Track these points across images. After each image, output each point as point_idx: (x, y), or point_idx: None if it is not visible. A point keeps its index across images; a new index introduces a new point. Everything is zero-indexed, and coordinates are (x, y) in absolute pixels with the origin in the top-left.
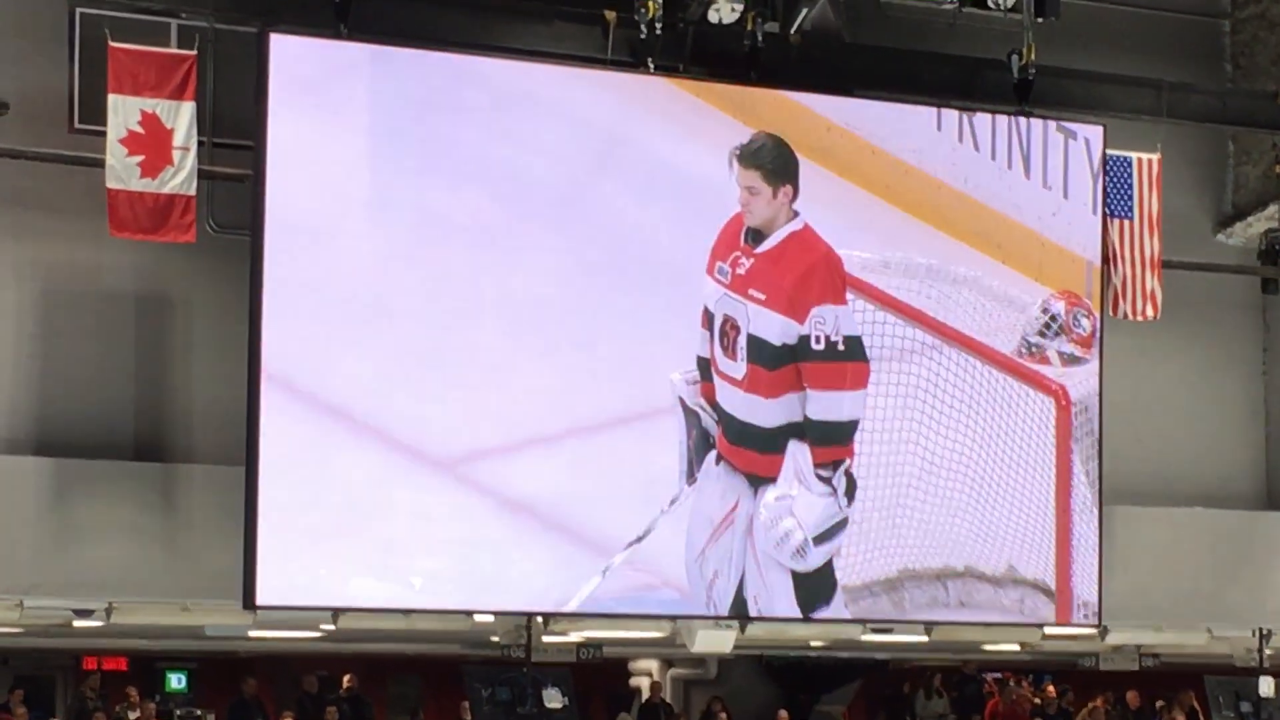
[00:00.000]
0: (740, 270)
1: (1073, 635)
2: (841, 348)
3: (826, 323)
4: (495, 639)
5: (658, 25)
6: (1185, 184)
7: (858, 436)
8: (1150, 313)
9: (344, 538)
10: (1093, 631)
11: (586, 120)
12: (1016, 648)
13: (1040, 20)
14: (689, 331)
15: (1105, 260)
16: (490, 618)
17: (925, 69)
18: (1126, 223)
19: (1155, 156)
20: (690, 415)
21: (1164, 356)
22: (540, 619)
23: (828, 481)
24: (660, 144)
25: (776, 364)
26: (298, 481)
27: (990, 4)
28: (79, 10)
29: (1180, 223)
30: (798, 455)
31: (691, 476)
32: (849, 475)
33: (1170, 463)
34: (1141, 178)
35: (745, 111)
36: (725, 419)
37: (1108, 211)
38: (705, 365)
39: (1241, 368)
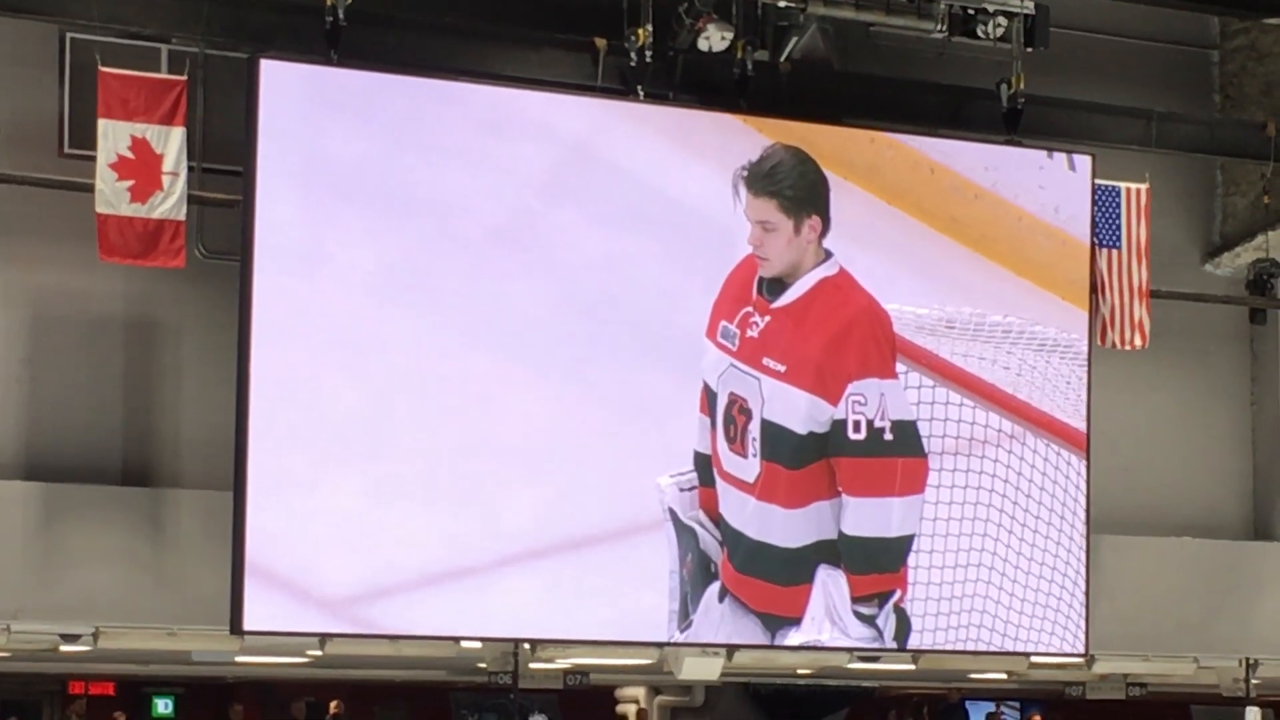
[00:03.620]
0: (752, 332)
1: (1059, 664)
2: (889, 437)
3: (868, 402)
4: (482, 665)
5: (648, 53)
6: (1174, 214)
7: (912, 559)
8: (1138, 342)
9: (332, 563)
10: (1080, 660)
11: (572, 144)
12: (1004, 676)
13: (1029, 50)
14: (683, 417)
15: (1093, 290)
16: (477, 644)
17: (915, 97)
18: (1115, 252)
19: (1144, 186)
20: (685, 534)
21: (1152, 386)
22: (527, 645)
23: (870, 621)
24: (650, 164)
25: (801, 460)
26: (286, 507)
27: (980, 33)
28: (69, 35)
29: (1168, 253)
30: (830, 586)
31: (686, 618)
32: (900, 611)
33: (1158, 492)
34: (1130, 207)
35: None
36: (732, 538)
37: (1096, 241)
38: (705, 464)
39: (1229, 398)
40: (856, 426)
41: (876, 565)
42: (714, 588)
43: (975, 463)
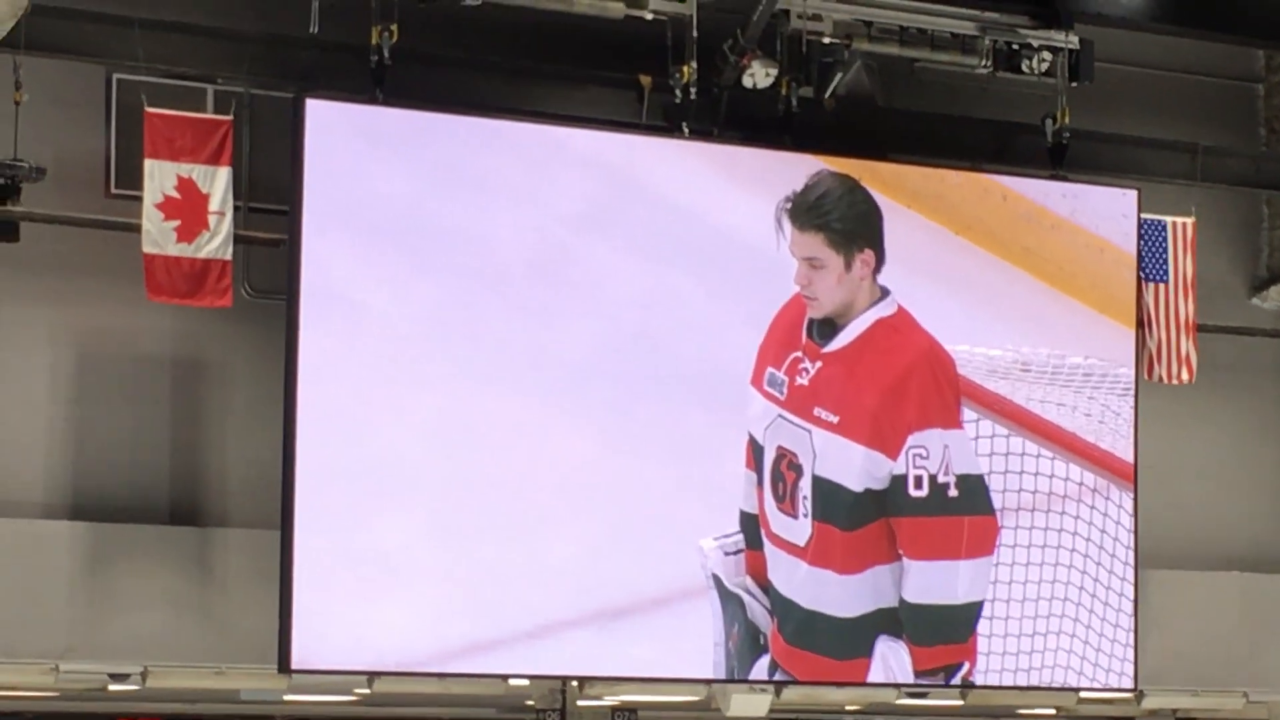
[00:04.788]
0: (802, 380)
1: (1109, 699)
2: (954, 493)
3: (931, 456)
4: (530, 703)
5: (692, 90)
6: (1219, 248)
7: (982, 628)
8: (1185, 376)
9: (379, 601)
10: (1129, 696)
11: (616, 181)
12: (1052, 711)
13: (1074, 84)
14: (727, 474)
15: (1140, 324)
16: (525, 681)
17: (959, 132)
18: (1161, 286)
19: (1190, 220)
20: (731, 602)
21: (1199, 420)
22: (575, 683)
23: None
24: (695, 199)
25: (857, 521)
26: (333, 545)
27: (1024, 68)
28: (115, 76)
29: (1215, 286)
30: (891, 660)
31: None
32: (968, 685)
33: (1205, 526)
34: (1176, 241)
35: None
36: (782, 607)
37: (1142, 275)
38: (752, 525)
39: (1276, 430)
40: (918, 482)
41: (942, 635)
42: (763, 662)
43: (1054, 519)
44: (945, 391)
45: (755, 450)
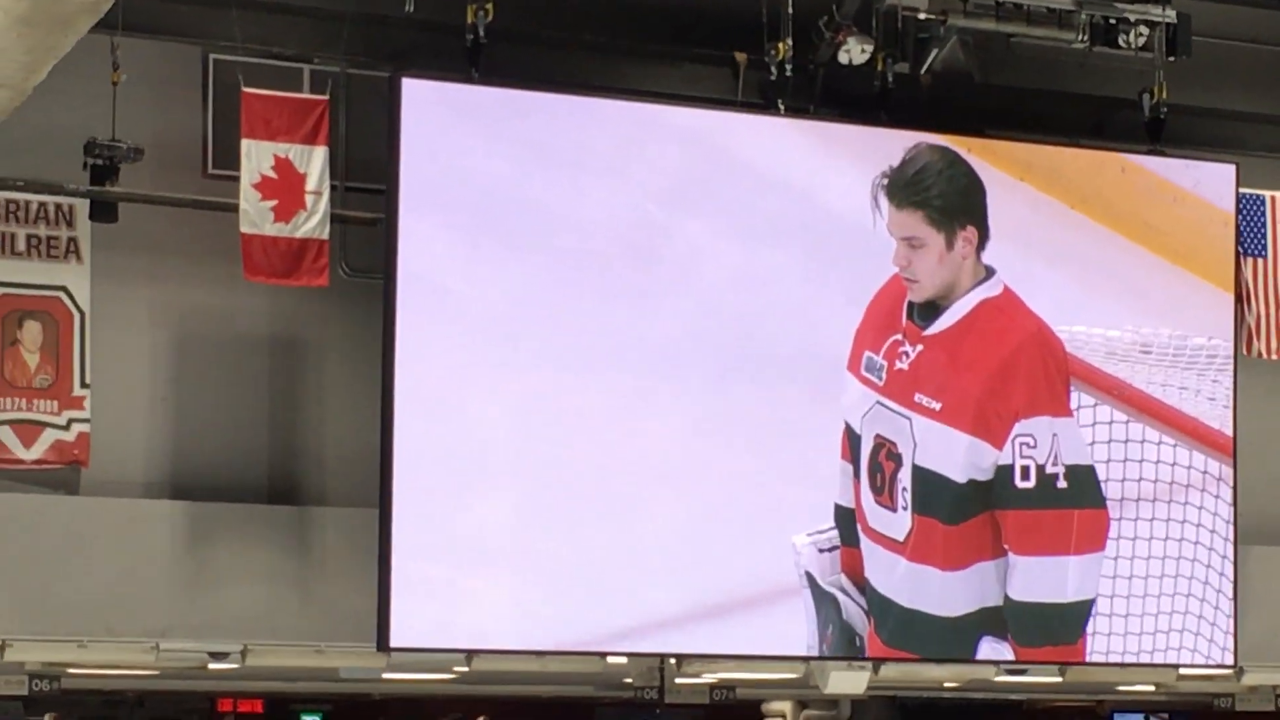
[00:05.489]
0: (902, 364)
1: (1208, 676)
2: (1063, 484)
3: (1038, 445)
4: (628, 680)
5: (788, 67)
6: None
7: (1091, 627)
8: None
9: (478, 579)
10: (1229, 672)
11: (711, 159)
12: (1152, 688)
13: (1171, 59)
14: (821, 464)
15: (1239, 299)
16: (623, 659)
17: (1056, 108)
18: (1260, 261)
19: None
20: (825, 602)
21: None
22: (673, 660)
23: None
24: (791, 175)
25: (960, 514)
26: (431, 523)
27: (1121, 43)
28: (212, 57)
29: None
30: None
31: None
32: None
33: None
34: (1276, 216)
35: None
36: (880, 606)
37: (1241, 250)
38: (848, 520)
39: None
40: (1024, 473)
41: (1050, 635)
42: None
43: (1176, 510)
44: (1054, 377)
45: (851, 440)
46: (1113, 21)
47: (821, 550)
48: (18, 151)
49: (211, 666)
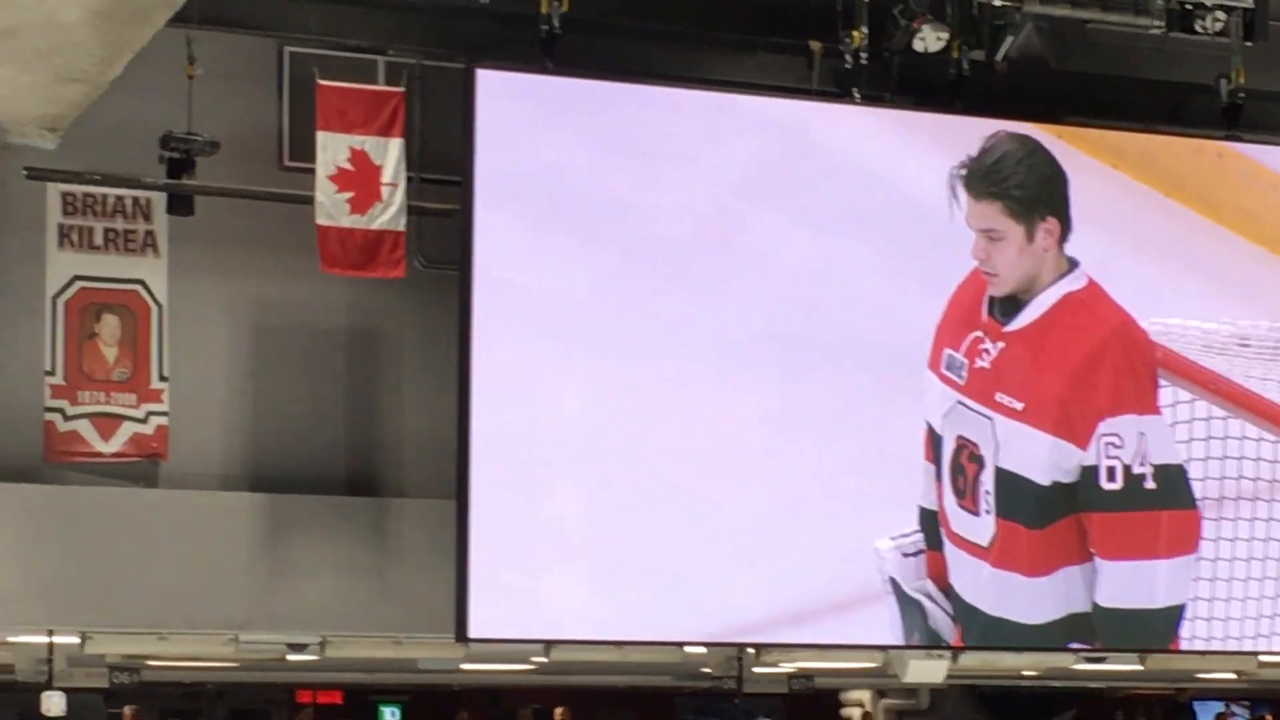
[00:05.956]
0: (982, 362)
1: None
2: (1151, 485)
3: (1125, 444)
4: (707, 670)
5: (863, 55)
6: None
7: (1184, 631)
8: None
9: (556, 569)
10: None
11: (786, 146)
12: (1232, 676)
13: (1248, 43)
14: (903, 465)
15: None
16: (702, 649)
17: (1132, 94)
18: None
19: None
20: (909, 607)
21: None
22: (752, 650)
23: None
24: (868, 163)
25: (1044, 517)
26: (509, 514)
27: (1198, 28)
28: (287, 49)
29: None
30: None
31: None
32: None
33: None
34: None
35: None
36: (965, 613)
37: None
38: (932, 523)
39: None
40: (1111, 474)
41: (1140, 642)
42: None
43: (1273, 509)
44: (1140, 373)
45: (933, 440)
46: (1189, 7)
47: (906, 555)
48: (95, 146)
49: (290, 658)
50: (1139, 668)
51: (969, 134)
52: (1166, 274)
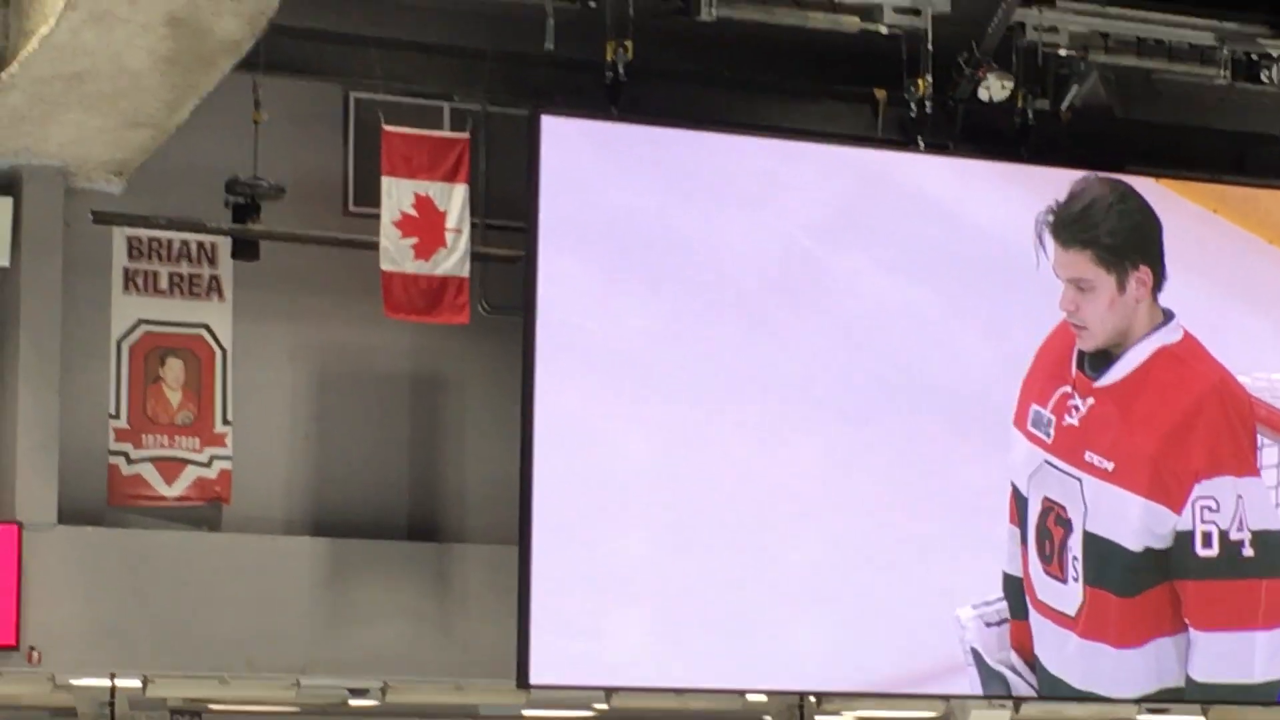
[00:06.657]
0: (1071, 419)
1: None
2: (1249, 552)
3: (1221, 508)
4: (767, 718)
5: (928, 104)
6: None
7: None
8: None
9: (617, 616)
10: None
11: (853, 192)
12: None
13: None
14: (987, 529)
15: None
16: (763, 697)
17: (1198, 144)
18: None
19: None
20: (992, 680)
21: None
22: (813, 698)
23: None
24: (945, 207)
25: (1136, 585)
26: (571, 559)
27: (1263, 78)
28: (353, 95)
29: None
30: None
31: None
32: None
33: None
34: None
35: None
36: (1050, 686)
37: None
38: (1016, 590)
39: None
40: (1206, 540)
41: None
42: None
43: None
44: (1239, 432)
45: (1019, 502)
46: (1255, 57)
47: (989, 624)
48: (161, 190)
49: (352, 703)
50: (1202, 719)
51: (1054, 179)
52: (1269, 325)
